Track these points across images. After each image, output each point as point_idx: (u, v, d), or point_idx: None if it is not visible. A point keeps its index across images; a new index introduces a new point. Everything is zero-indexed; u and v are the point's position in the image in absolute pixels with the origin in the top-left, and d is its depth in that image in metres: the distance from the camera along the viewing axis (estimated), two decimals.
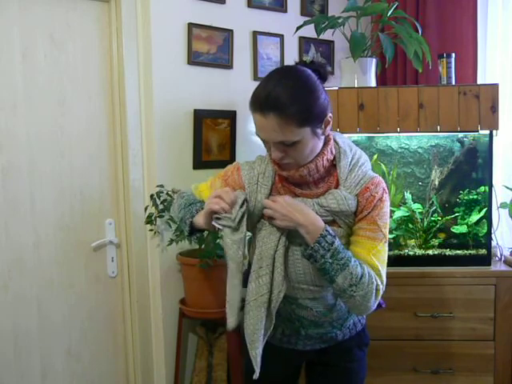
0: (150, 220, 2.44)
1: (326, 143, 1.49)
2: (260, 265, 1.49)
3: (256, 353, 1.50)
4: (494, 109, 2.36)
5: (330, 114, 1.45)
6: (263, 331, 1.51)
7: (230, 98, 2.71)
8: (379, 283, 1.45)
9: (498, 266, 2.49)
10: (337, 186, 1.50)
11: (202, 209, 1.50)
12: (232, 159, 2.72)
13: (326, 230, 1.41)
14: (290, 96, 1.35)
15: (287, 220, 1.43)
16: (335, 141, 1.52)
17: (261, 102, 1.37)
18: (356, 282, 1.40)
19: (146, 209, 2.48)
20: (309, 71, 1.43)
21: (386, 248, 1.50)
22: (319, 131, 1.43)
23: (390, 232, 2.50)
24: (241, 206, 1.43)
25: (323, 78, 1.46)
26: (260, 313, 1.48)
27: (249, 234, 1.53)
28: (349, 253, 1.43)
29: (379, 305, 1.67)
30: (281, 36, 2.88)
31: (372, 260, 1.45)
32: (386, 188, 1.51)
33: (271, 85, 1.38)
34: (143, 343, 2.60)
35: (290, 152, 1.41)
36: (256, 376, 1.51)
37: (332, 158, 1.50)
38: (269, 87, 1.37)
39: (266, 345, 1.63)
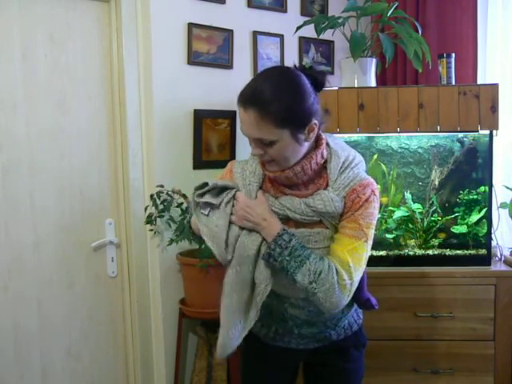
0: (149, 220, 2.44)
1: (317, 147, 1.49)
2: (241, 253, 1.48)
3: (223, 335, 1.52)
4: (494, 109, 2.36)
5: (316, 122, 1.43)
6: (240, 319, 1.52)
7: (230, 98, 2.68)
8: (345, 278, 1.42)
9: (498, 266, 2.49)
10: (326, 188, 1.49)
11: None
12: (232, 159, 2.71)
13: (284, 230, 1.44)
14: (272, 94, 1.36)
15: (246, 221, 1.47)
16: (327, 143, 1.51)
17: (244, 97, 1.39)
18: (315, 278, 1.40)
19: (146, 209, 2.48)
20: (302, 76, 1.43)
21: (366, 248, 1.47)
22: (301, 136, 1.42)
23: (390, 232, 2.51)
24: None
25: (319, 85, 1.46)
26: (232, 299, 1.50)
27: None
28: (308, 251, 1.44)
29: (372, 306, 1.66)
30: (281, 36, 2.88)
31: (344, 255, 1.44)
32: (375, 190, 1.49)
33: (258, 81, 1.41)
34: (143, 343, 2.60)
35: (269, 151, 1.42)
36: (220, 356, 1.55)
37: (322, 161, 1.49)
38: (255, 83, 1.41)
39: (260, 344, 1.67)
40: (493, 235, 2.51)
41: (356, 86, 2.51)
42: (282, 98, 1.37)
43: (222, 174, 1.65)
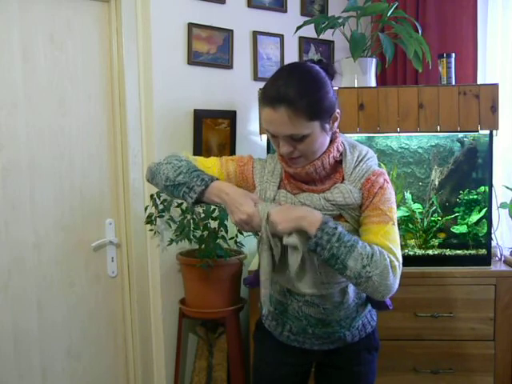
0: (149, 220, 2.44)
1: (332, 141, 1.50)
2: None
3: (263, 293, 1.49)
4: (494, 109, 2.35)
5: (338, 111, 1.46)
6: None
7: (230, 98, 2.71)
8: (393, 259, 1.40)
9: (498, 266, 2.48)
10: (342, 182, 1.51)
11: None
12: None
13: (327, 217, 1.41)
14: (300, 90, 1.36)
15: (288, 221, 1.39)
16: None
17: (271, 96, 1.38)
18: (368, 261, 1.36)
19: (146, 209, 2.48)
20: (317, 67, 1.45)
21: (396, 229, 1.47)
22: (327, 126, 1.44)
23: None
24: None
25: (331, 75, 1.48)
26: (268, 255, 1.46)
27: None
28: (355, 236, 1.40)
29: (386, 306, 1.66)
30: (281, 36, 2.88)
31: (381, 240, 1.42)
32: (387, 179, 1.52)
33: (281, 79, 1.40)
34: (143, 343, 2.60)
35: (299, 146, 1.42)
36: (264, 312, 1.59)
37: (338, 155, 1.51)
38: (279, 81, 1.39)
39: (273, 343, 1.67)
40: (493, 235, 2.51)
41: (356, 86, 2.51)
42: (309, 91, 1.38)
43: (242, 158, 1.61)
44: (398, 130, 2.40)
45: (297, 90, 1.36)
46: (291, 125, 1.37)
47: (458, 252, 2.50)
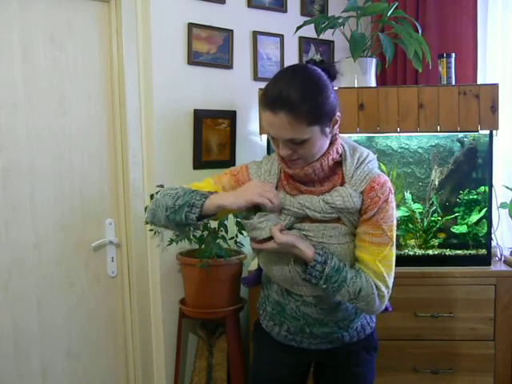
0: None
1: (332, 143, 1.49)
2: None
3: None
4: (494, 109, 2.36)
5: (339, 114, 1.46)
6: None
7: (230, 98, 2.72)
8: (383, 289, 1.48)
9: (498, 266, 2.49)
10: (342, 184, 1.50)
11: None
12: (232, 159, 2.72)
13: (315, 260, 1.45)
14: (301, 95, 1.35)
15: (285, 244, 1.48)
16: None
17: (272, 100, 1.37)
18: (355, 296, 1.46)
19: (145, 209, 2.47)
20: (319, 70, 1.43)
21: (394, 251, 1.51)
22: (327, 130, 1.43)
23: None
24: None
25: (332, 77, 1.47)
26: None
27: None
28: (344, 273, 1.45)
29: (386, 308, 1.66)
30: (281, 36, 2.88)
31: (377, 266, 1.47)
32: (391, 188, 1.51)
33: (283, 83, 1.38)
34: (143, 343, 2.60)
35: (299, 150, 1.42)
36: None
37: (338, 157, 1.50)
38: (280, 85, 1.38)
39: (271, 343, 1.68)
40: (493, 235, 2.51)
41: (356, 86, 2.51)
42: (310, 97, 1.37)
43: (235, 169, 1.62)
44: (398, 130, 2.40)
45: (298, 96, 1.35)
46: (291, 130, 1.37)
47: (458, 252, 2.50)
